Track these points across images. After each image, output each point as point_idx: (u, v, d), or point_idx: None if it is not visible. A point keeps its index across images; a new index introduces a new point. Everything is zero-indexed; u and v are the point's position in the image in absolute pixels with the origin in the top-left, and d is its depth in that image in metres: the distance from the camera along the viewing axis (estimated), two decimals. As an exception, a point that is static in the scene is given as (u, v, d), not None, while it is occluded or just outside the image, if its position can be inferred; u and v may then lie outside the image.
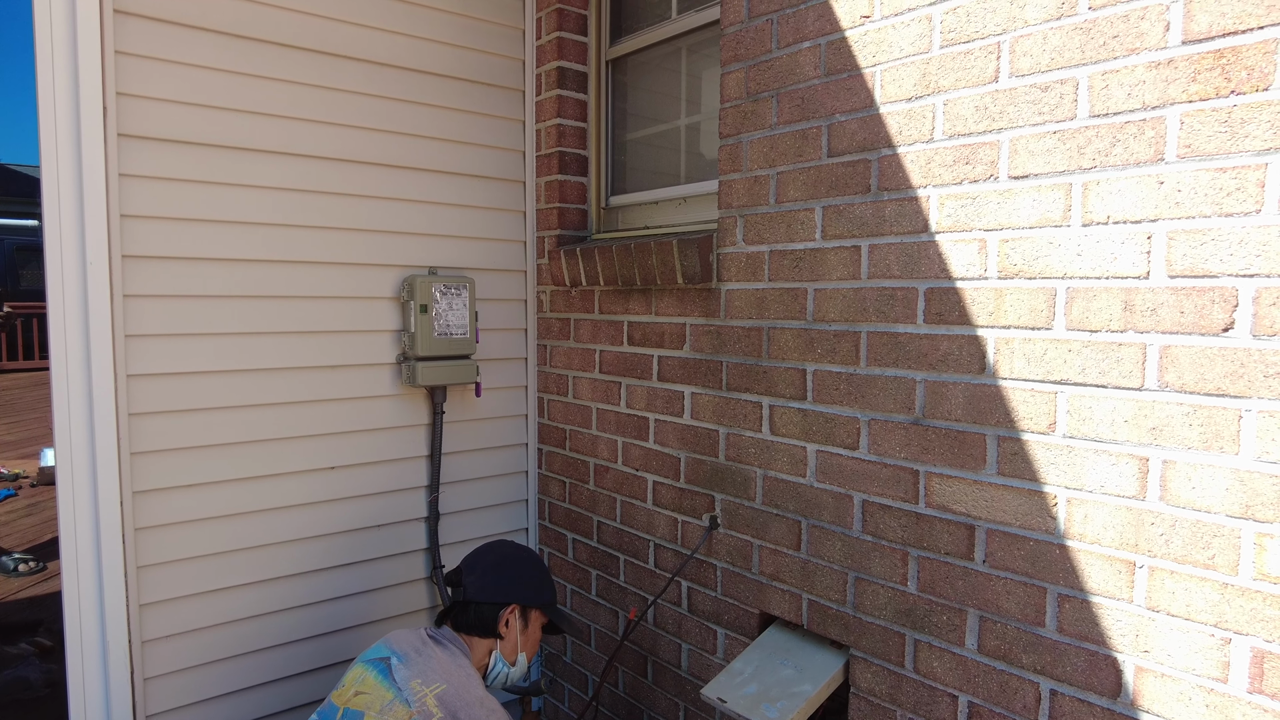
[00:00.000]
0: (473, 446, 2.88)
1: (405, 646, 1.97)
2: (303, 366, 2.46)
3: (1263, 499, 1.27)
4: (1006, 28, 1.57)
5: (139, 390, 2.19)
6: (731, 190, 2.16)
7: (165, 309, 2.22)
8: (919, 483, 1.75)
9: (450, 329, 2.65)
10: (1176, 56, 1.35)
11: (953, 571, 1.69)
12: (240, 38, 2.29)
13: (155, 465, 2.22)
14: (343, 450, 2.56)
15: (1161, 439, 1.38)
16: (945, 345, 1.69)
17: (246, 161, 2.33)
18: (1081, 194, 1.47)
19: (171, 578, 2.26)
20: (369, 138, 2.55)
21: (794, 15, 1.97)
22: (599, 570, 2.77)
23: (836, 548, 1.93)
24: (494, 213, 2.88)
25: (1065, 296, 1.50)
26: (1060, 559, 1.52)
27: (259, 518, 2.41)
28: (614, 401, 2.64)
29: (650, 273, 2.39)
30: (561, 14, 2.80)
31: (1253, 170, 1.27)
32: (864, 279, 1.84)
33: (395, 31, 2.58)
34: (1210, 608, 1.34)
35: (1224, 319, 1.31)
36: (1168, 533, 1.38)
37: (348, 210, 2.52)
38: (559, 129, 2.83)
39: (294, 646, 2.50)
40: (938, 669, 1.73)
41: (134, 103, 2.14)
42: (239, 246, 2.33)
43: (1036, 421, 1.55)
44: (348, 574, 2.59)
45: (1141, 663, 1.42)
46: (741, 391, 2.16)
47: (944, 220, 1.68)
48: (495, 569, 2.14)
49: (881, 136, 1.79)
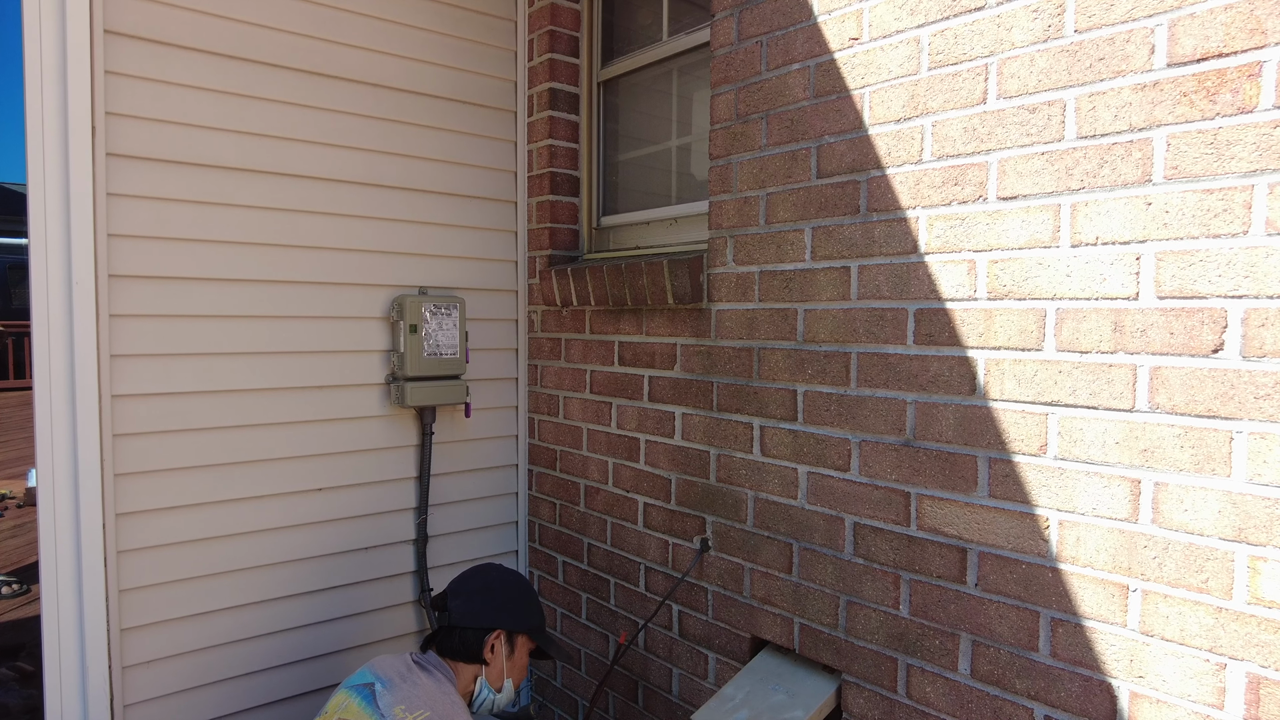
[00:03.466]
0: (462, 468, 2.85)
1: (390, 672, 1.94)
2: (291, 387, 2.44)
3: (1255, 521, 1.26)
4: (994, 50, 1.58)
5: (124, 411, 2.16)
6: (722, 211, 2.16)
7: (152, 329, 2.20)
8: (910, 505, 1.73)
9: (440, 349, 2.64)
10: (1162, 79, 1.36)
11: (945, 595, 1.67)
12: (231, 58, 2.29)
13: (140, 487, 2.19)
14: (330, 472, 2.53)
15: (1153, 461, 1.37)
16: (935, 366, 1.68)
17: (236, 181, 2.32)
18: (1070, 215, 1.47)
19: (154, 601, 2.23)
20: (359, 158, 2.55)
21: (783, 37, 1.98)
22: (589, 593, 2.74)
23: (828, 571, 1.91)
24: (485, 232, 2.87)
25: (1055, 317, 1.49)
26: (1053, 582, 1.50)
27: (245, 540, 2.37)
28: (605, 422, 2.63)
29: (641, 293, 2.38)
30: (553, 36, 2.81)
31: (1239, 191, 1.27)
32: (854, 300, 1.83)
33: (387, 52, 2.59)
34: (1204, 632, 1.32)
35: (1213, 340, 1.30)
36: (1160, 556, 1.37)
37: (337, 230, 2.51)
38: (551, 149, 2.84)
39: (279, 671, 2.46)
40: (931, 694, 1.71)
41: (123, 122, 2.14)
42: (227, 266, 2.31)
43: (1028, 443, 1.54)
44: (334, 597, 2.56)
45: (1136, 688, 1.40)
46: (732, 412, 2.15)
47: (933, 241, 1.68)
48: (481, 593, 2.11)
49: (870, 158, 1.79)
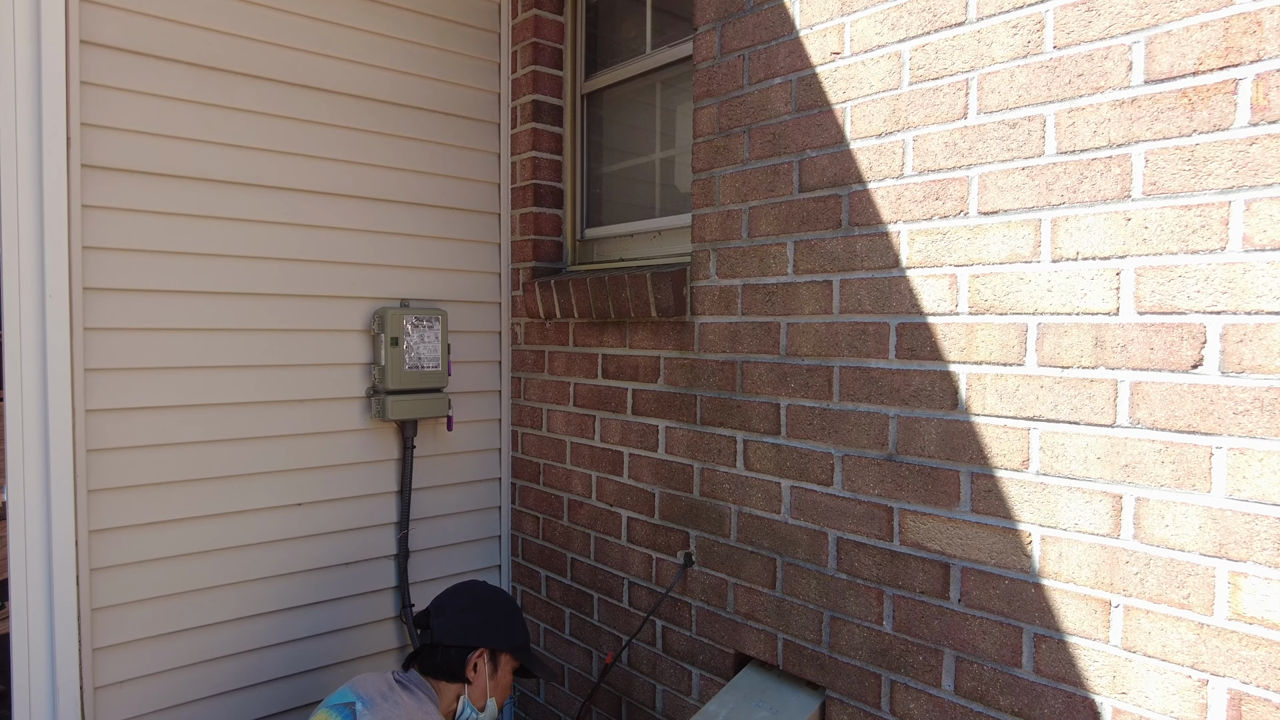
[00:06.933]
0: (444, 482, 2.83)
1: (371, 691, 1.91)
2: (270, 401, 2.41)
3: (1235, 537, 1.26)
4: (974, 65, 1.58)
5: (98, 426, 2.13)
6: (704, 224, 2.15)
7: (128, 342, 2.17)
8: (893, 520, 1.73)
9: (422, 362, 2.61)
10: (1140, 95, 1.36)
11: (928, 611, 1.67)
12: (210, 69, 2.27)
13: (114, 503, 2.15)
14: (310, 486, 2.50)
15: (1134, 476, 1.37)
16: (918, 381, 1.68)
17: (214, 193, 2.29)
18: (1051, 230, 1.48)
19: (128, 620, 2.18)
20: (340, 169, 2.53)
21: (765, 51, 1.98)
22: (573, 609, 2.71)
23: (811, 586, 1.90)
24: (468, 244, 2.85)
25: (1036, 332, 1.49)
26: (1036, 598, 1.50)
27: (223, 556, 2.34)
28: (588, 435, 2.61)
29: (624, 305, 2.37)
30: (537, 48, 2.81)
31: (1216, 208, 1.28)
32: (836, 314, 1.83)
33: (369, 64, 2.57)
34: (1187, 648, 1.32)
35: (1193, 356, 1.31)
36: (1142, 571, 1.36)
37: (318, 242, 2.49)
38: (534, 161, 2.83)
39: (258, 689, 2.41)
40: (914, 711, 1.69)
41: (99, 133, 2.11)
42: (205, 279, 2.28)
43: (1010, 458, 1.53)
44: (314, 613, 2.52)
45: (1119, 704, 1.39)
46: (715, 426, 2.14)
47: (915, 255, 1.68)
48: (464, 611, 2.09)
49: (852, 172, 1.79)
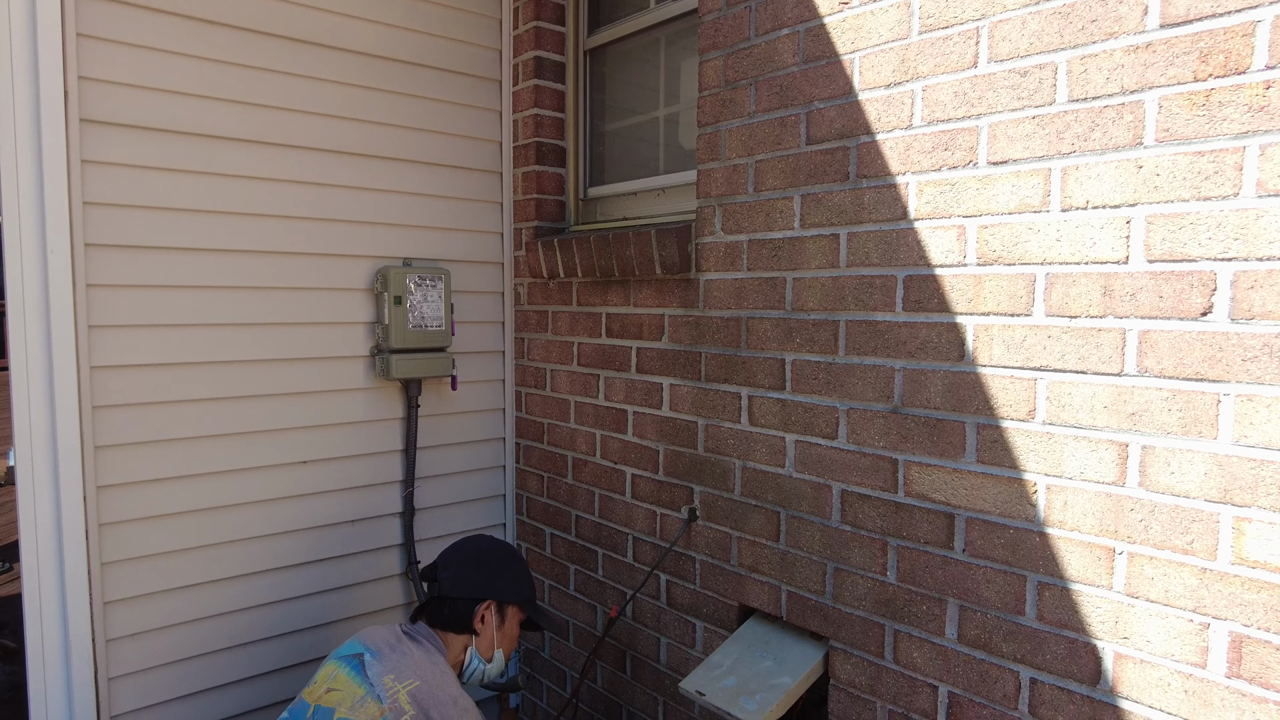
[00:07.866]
0: (448, 440, 2.84)
1: (379, 642, 1.93)
2: (274, 359, 2.41)
3: (1240, 483, 1.27)
4: (985, 13, 1.56)
5: (103, 382, 2.13)
6: (710, 179, 2.13)
7: (131, 299, 2.17)
8: (898, 472, 1.73)
9: (425, 321, 2.61)
10: (1154, 40, 1.35)
11: (932, 561, 1.68)
12: (209, 22, 2.24)
13: (120, 459, 2.16)
14: (315, 444, 2.51)
15: (1140, 425, 1.38)
16: (924, 333, 1.68)
17: (216, 149, 2.27)
18: (1060, 179, 1.46)
19: (137, 574, 2.21)
20: (342, 126, 2.50)
21: (772, 2, 1.95)
22: (577, 565, 2.74)
23: (815, 538, 1.92)
24: (470, 204, 2.84)
25: (1044, 282, 1.49)
26: (1040, 547, 1.51)
27: (229, 512, 2.35)
28: (592, 394, 2.61)
29: (628, 264, 2.36)
30: (539, 3, 2.76)
31: (1230, 153, 1.27)
32: (843, 267, 1.82)
33: (370, 19, 2.53)
34: (1189, 593, 1.33)
35: (1202, 303, 1.30)
36: (1147, 519, 1.37)
37: (320, 200, 2.47)
38: (536, 119, 2.80)
39: (265, 644, 2.45)
40: (917, 659, 1.72)
41: (97, 87, 2.08)
42: (207, 236, 2.27)
43: (1016, 408, 1.54)
44: (321, 570, 2.55)
45: (1121, 649, 1.41)
46: (720, 382, 2.14)
47: (923, 207, 1.67)
48: (471, 564, 2.11)
49: (860, 123, 1.78)
